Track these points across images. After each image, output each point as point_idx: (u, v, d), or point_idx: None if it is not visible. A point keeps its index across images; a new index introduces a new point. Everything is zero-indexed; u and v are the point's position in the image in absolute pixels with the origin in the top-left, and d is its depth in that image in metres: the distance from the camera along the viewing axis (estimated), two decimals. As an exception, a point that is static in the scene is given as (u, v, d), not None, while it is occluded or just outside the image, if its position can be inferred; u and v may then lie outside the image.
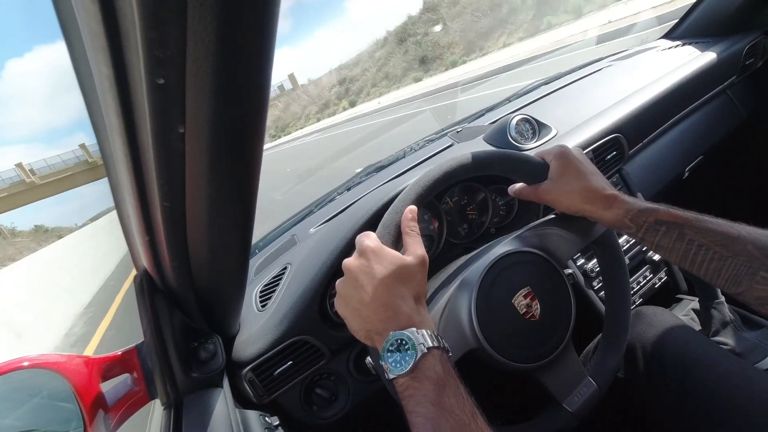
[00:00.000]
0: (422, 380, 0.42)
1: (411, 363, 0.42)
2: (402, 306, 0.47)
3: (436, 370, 0.43)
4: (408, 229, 0.52)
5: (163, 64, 0.22)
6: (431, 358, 0.43)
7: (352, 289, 0.48)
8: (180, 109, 0.25)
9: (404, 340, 0.44)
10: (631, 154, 0.99)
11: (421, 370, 0.42)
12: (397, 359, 0.43)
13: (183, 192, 0.33)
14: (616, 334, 0.62)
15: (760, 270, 0.45)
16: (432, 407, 0.40)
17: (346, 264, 0.50)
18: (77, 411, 0.49)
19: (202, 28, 0.21)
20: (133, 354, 0.57)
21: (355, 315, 0.48)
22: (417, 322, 0.46)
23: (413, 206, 0.55)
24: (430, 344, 0.44)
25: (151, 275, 0.51)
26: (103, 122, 0.29)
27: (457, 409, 0.40)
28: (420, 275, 0.49)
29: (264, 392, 0.69)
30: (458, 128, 1.12)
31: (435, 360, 0.43)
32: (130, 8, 0.19)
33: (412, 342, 0.43)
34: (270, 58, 0.25)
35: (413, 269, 0.49)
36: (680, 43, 1.23)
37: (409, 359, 0.43)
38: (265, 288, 0.80)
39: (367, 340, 0.48)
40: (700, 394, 0.60)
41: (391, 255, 0.49)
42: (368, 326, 0.47)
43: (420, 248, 0.51)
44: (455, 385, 0.42)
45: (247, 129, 0.29)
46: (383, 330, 0.45)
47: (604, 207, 0.56)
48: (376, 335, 0.46)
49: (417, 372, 0.42)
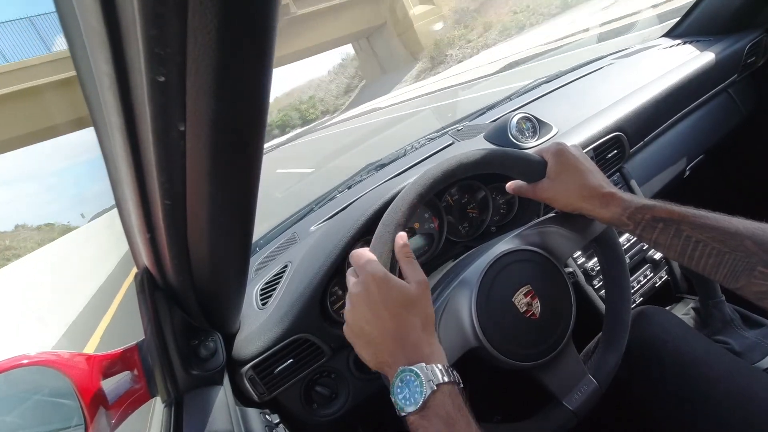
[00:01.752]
0: (431, 419, 0.41)
1: (420, 401, 0.42)
2: (410, 335, 0.46)
3: (446, 407, 0.42)
4: (403, 256, 0.51)
5: (163, 61, 0.22)
6: (440, 395, 0.42)
7: (359, 320, 0.48)
8: (180, 106, 0.25)
9: (413, 377, 0.43)
10: (632, 152, 0.98)
11: (431, 408, 0.42)
12: (406, 396, 0.43)
13: (183, 190, 0.33)
14: (616, 332, 0.62)
15: (758, 265, 0.45)
16: None
17: (352, 294, 0.49)
18: (78, 408, 0.49)
19: (202, 25, 0.21)
20: (134, 352, 0.57)
21: (365, 346, 0.48)
22: (427, 354, 0.45)
23: (402, 233, 0.54)
24: (440, 380, 0.43)
25: (151, 273, 0.51)
26: (103, 120, 0.29)
27: None
28: (424, 300, 0.49)
29: (264, 390, 0.69)
30: (459, 126, 1.12)
31: (444, 396, 0.42)
32: (131, 5, 0.19)
33: (421, 379, 0.42)
34: (270, 56, 0.25)
35: (418, 296, 0.48)
36: (681, 41, 1.22)
37: (419, 397, 0.42)
38: (265, 286, 0.80)
39: (379, 369, 0.48)
40: (699, 394, 0.60)
41: (395, 283, 0.48)
42: (379, 358, 0.47)
43: (420, 274, 0.50)
44: (466, 423, 0.42)
45: (247, 126, 0.29)
46: (393, 363, 0.45)
47: (601, 205, 0.56)
48: (386, 367, 0.46)
49: (426, 410, 0.42)
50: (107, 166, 0.35)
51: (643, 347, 0.67)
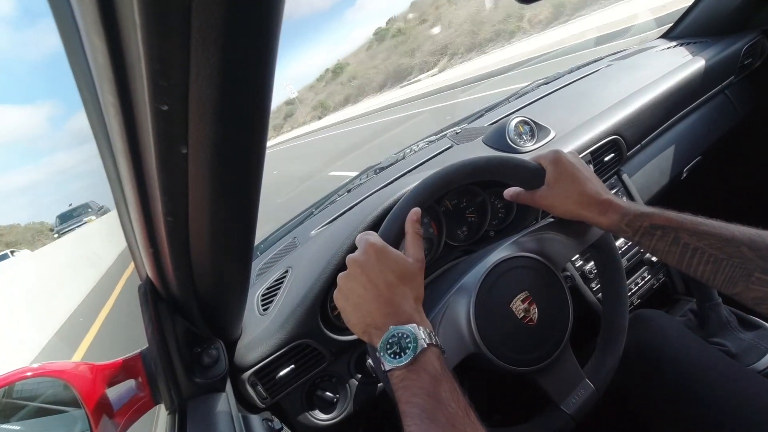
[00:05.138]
0: (420, 372, 0.43)
1: (411, 356, 0.43)
2: (404, 304, 0.48)
3: (434, 365, 0.44)
4: (412, 230, 0.53)
5: (166, 92, 0.23)
6: (430, 353, 0.44)
7: (354, 284, 0.49)
8: (183, 131, 0.26)
9: (405, 333, 0.45)
10: (629, 155, 0.99)
11: (420, 364, 0.43)
12: (396, 351, 0.44)
13: (186, 208, 0.33)
14: (613, 336, 0.63)
15: (755, 271, 0.46)
16: (428, 398, 0.41)
17: (350, 259, 0.51)
18: (83, 416, 0.50)
19: (204, 59, 0.21)
20: (138, 360, 0.58)
21: (354, 309, 0.49)
22: (418, 320, 0.47)
23: (418, 208, 0.55)
24: (430, 341, 0.45)
25: (154, 284, 0.52)
26: (108, 144, 0.30)
27: (452, 402, 0.41)
28: (419, 277, 0.51)
29: (266, 396, 0.70)
30: (457, 129, 1.12)
31: (433, 356, 0.44)
32: (136, 43, 0.20)
33: (414, 336, 0.44)
34: (270, 83, 0.26)
35: (413, 271, 0.50)
36: (678, 43, 1.22)
37: (410, 352, 0.44)
38: (266, 292, 0.81)
39: (364, 334, 0.49)
40: (695, 397, 0.61)
41: (394, 254, 0.50)
42: (368, 320, 0.48)
43: (420, 252, 0.52)
44: (451, 382, 0.43)
45: (248, 149, 0.30)
46: (383, 324, 0.46)
47: (600, 212, 0.56)
48: (374, 329, 0.47)
49: (415, 365, 0.43)
50: (111, 186, 0.36)
51: (639, 351, 0.68)
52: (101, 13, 0.20)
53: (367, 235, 0.53)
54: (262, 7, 0.21)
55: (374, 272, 0.49)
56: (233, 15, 0.21)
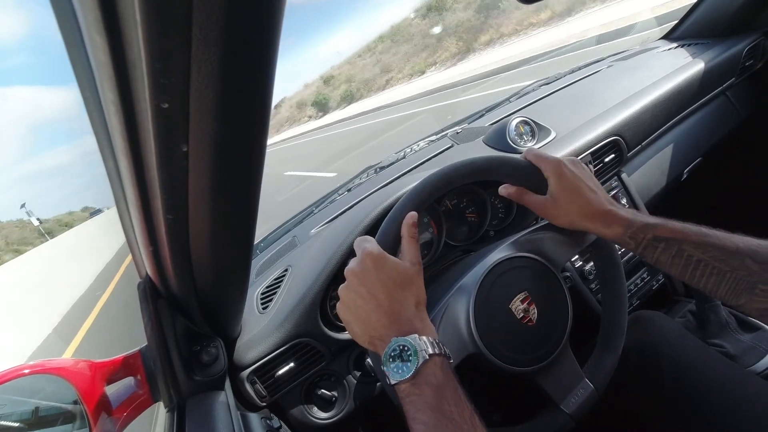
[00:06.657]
0: (422, 386, 0.43)
1: (413, 369, 0.43)
2: (404, 312, 0.47)
3: (436, 376, 0.43)
4: (408, 234, 0.53)
5: (167, 89, 0.23)
6: (432, 364, 0.44)
7: (354, 295, 0.49)
8: (183, 129, 0.26)
9: (406, 346, 0.44)
10: (630, 156, 0.99)
11: (422, 377, 0.43)
12: (398, 365, 0.44)
13: (186, 206, 0.33)
14: (612, 336, 0.63)
15: (759, 283, 0.46)
16: (432, 414, 0.41)
17: (348, 270, 0.51)
18: (82, 414, 0.50)
19: (205, 56, 0.21)
20: (137, 358, 0.58)
21: (357, 321, 0.49)
22: (419, 328, 0.47)
23: (414, 212, 0.55)
24: (432, 351, 0.44)
25: (153, 282, 0.52)
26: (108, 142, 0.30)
27: (456, 415, 0.41)
28: (419, 281, 0.51)
29: (265, 394, 0.70)
30: (458, 129, 1.13)
31: (436, 366, 0.44)
32: (137, 41, 0.20)
33: (414, 348, 0.44)
34: (271, 81, 0.26)
35: (412, 275, 0.50)
36: (680, 44, 1.22)
37: (411, 365, 0.43)
38: (266, 290, 0.81)
39: (369, 345, 0.49)
40: (694, 398, 0.61)
41: (391, 261, 0.50)
42: (371, 332, 0.48)
43: (417, 255, 0.52)
44: (454, 390, 0.43)
45: (248, 147, 0.30)
46: (386, 336, 0.46)
47: (603, 224, 0.56)
48: (378, 341, 0.47)
49: (418, 378, 0.43)
50: (111, 184, 0.35)
51: (639, 351, 0.68)
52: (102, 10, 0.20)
53: (364, 242, 0.52)
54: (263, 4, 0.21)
55: (372, 282, 0.48)
56: (234, 13, 0.21)
